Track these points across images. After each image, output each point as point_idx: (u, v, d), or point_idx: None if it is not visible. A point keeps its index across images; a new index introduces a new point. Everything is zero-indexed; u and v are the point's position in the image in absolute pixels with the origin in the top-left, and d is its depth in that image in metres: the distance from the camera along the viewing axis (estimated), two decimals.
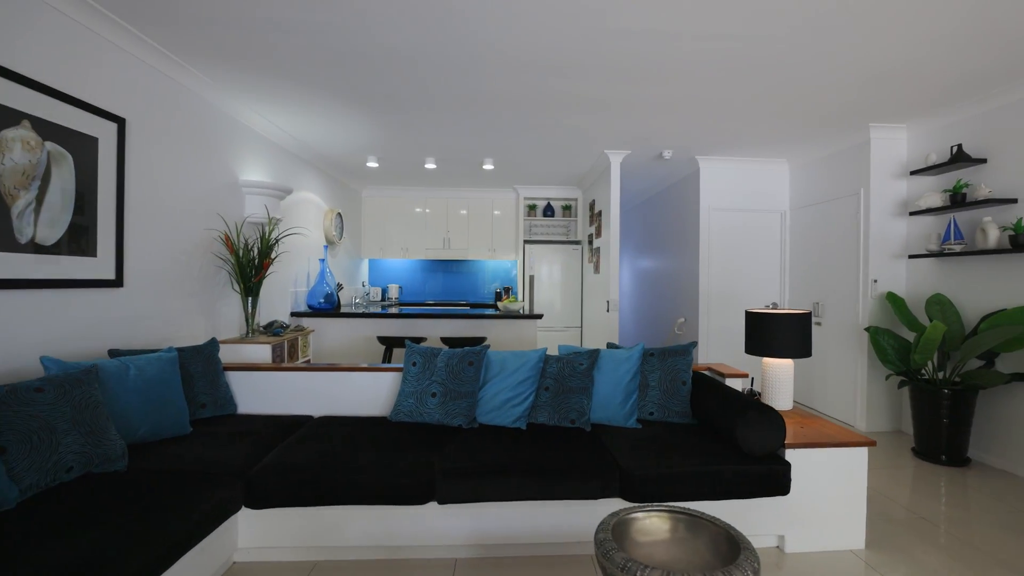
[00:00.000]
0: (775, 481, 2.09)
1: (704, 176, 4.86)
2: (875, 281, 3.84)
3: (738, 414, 2.18)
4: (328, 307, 4.71)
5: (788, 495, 2.13)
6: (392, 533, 2.09)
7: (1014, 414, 3.09)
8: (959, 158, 3.27)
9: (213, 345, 2.78)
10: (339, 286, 5.65)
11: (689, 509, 1.06)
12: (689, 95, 3.26)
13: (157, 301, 2.87)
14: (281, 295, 4.37)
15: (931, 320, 3.38)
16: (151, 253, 2.80)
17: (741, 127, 3.88)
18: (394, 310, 5.04)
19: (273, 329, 3.71)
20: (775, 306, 5.00)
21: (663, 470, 2.06)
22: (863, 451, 2.22)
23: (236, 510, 1.96)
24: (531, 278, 6.46)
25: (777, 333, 2.62)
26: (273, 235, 3.68)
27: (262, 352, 3.39)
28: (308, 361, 4.17)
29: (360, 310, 4.84)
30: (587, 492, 2.03)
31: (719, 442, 2.30)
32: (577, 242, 6.48)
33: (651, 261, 6.54)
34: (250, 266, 3.46)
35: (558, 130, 4.04)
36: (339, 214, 5.60)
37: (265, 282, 3.83)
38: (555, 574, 2.03)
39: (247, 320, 3.52)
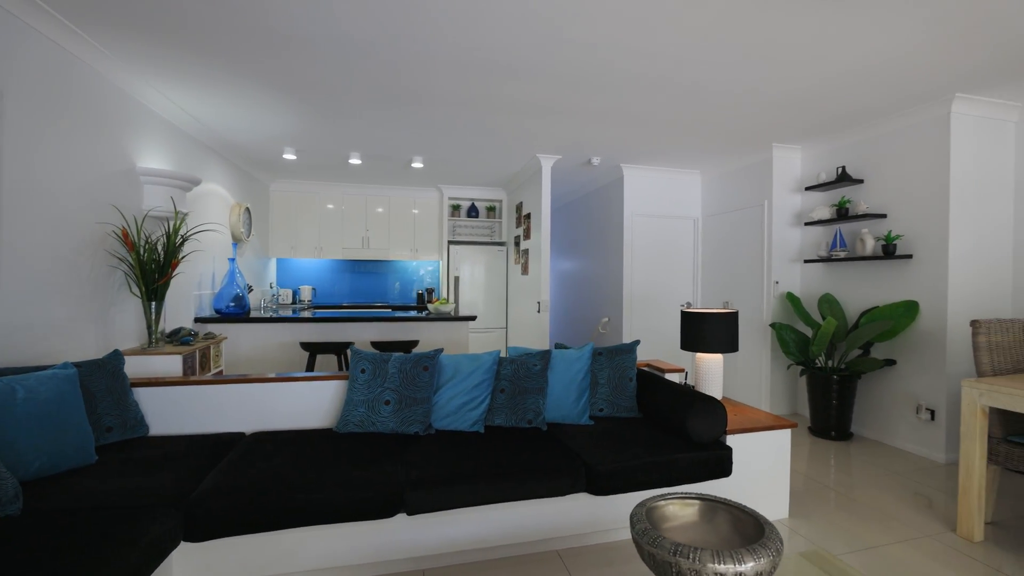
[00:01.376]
0: (720, 465, 2.33)
1: (628, 183, 5.21)
2: (777, 283, 4.41)
3: (688, 406, 2.40)
4: (239, 312, 4.33)
5: (730, 476, 2.39)
6: (356, 551, 2.00)
7: (885, 394, 3.73)
8: (843, 178, 3.89)
9: (117, 358, 2.44)
10: (249, 288, 5.20)
11: (702, 494, 1.18)
12: (621, 107, 3.49)
13: (38, 308, 2.45)
14: (183, 299, 3.93)
15: (823, 317, 3.96)
16: (29, 250, 2.39)
17: (662, 139, 4.23)
18: (307, 313, 4.75)
19: (180, 338, 3.34)
20: (689, 306, 5.51)
21: (624, 463, 2.20)
22: (787, 432, 2.57)
23: (174, 546, 1.75)
24: (456, 279, 6.45)
25: (709, 331, 2.91)
26: (181, 231, 3.31)
27: (171, 364, 3.04)
28: (220, 372, 3.80)
29: (269, 314, 4.50)
30: (557, 489, 2.11)
31: (667, 433, 2.51)
32: (502, 243, 6.59)
33: (574, 262, 6.85)
34: (154, 266, 3.09)
35: (498, 132, 4.10)
36: (247, 209, 5.15)
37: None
38: (525, 572, 2.08)
39: (150, 328, 3.13)
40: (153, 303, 3.12)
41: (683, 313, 3.05)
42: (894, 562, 2.18)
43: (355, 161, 5.05)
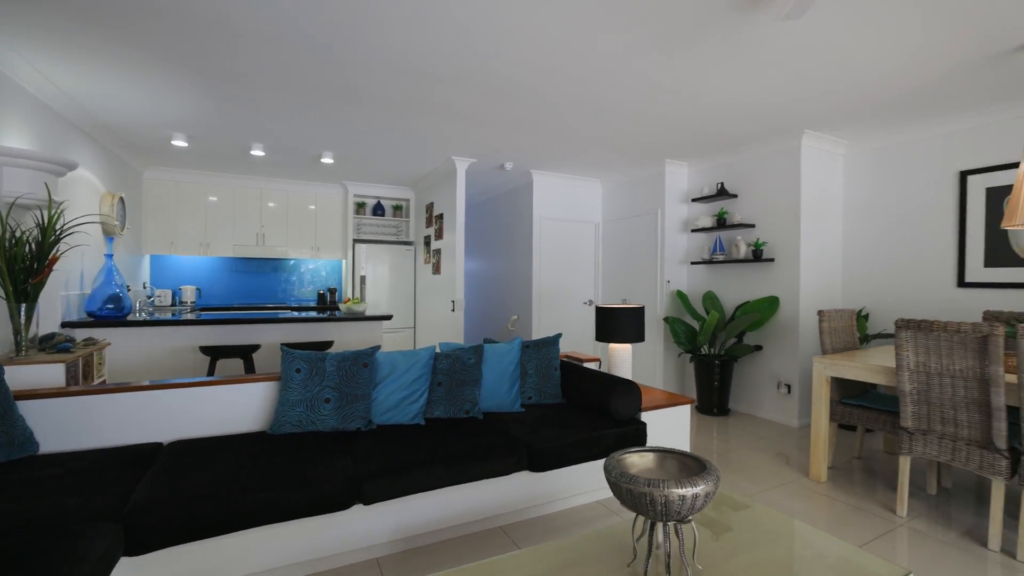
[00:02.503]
0: (638, 437, 2.74)
1: (537, 188, 5.61)
2: (668, 281, 5.09)
3: (611, 389, 2.78)
4: (117, 315, 3.91)
5: (645, 446, 2.81)
6: (311, 547, 2.04)
7: (755, 374, 4.53)
8: (722, 193, 4.64)
9: None
10: (127, 288, 4.68)
11: (652, 447, 1.49)
12: (536, 118, 3.81)
13: None
14: (48, 301, 3.47)
15: (707, 311, 4.68)
16: None
17: (571, 150, 4.67)
18: (190, 316, 4.42)
19: (56, 344, 2.98)
20: (591, 303, 6.05)
21: (561, 441, 2.50)
22: (687, 408, 3.07)
23: (116, 561, 1.67)
24: (363, 278, 6.37)
25: (621, 324, 3.35)
26: (59, 223, 2.95)
27: (51, 374, 2.73)
28: (104, 381, 3.42)
29: (144, 317, 4.12)
30: (504, 468, 2.34)
31: (591, 414, 2.87)
32: (409, 242, 6.65)
33: (483, 262, 7.12)
34: (24, 264, 2.74)
35: (417, 133, 4.21)
36: (121, 199, 4.63)
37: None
38: (473, 549, 2.28)
39: (17, 334, 2.76)
40: (23, 305, 2.77)
41: (599, 309, 3.45)
42: (767, 503, 2.75)
43: (257, 153, 4.81)
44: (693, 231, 4.95)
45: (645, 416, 2.89)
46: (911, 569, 2.13)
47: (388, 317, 4.63)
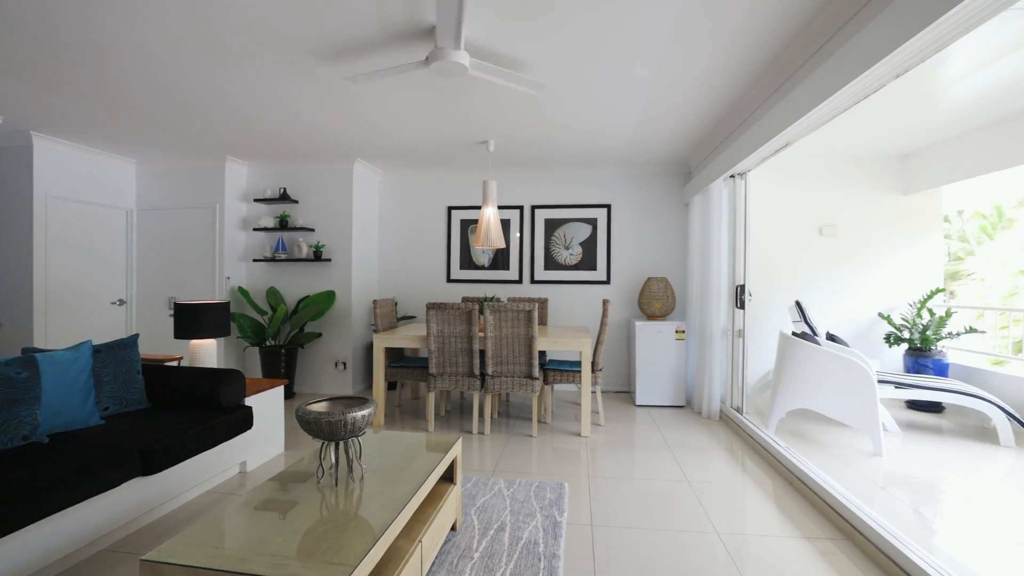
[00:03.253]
0: (247, 421, 3.00)
1: (40, 156, 4.39)
2: (228, 278, 5.14)
3: (219, 380, 2.92)
4: None
5: (252, 429, 3.10)
6: None
7: (317, 358, 5.31)
8: (284, 197, 5.16)
9: None
10: None
11: (330, 395, 1.96)
12: (54, 67, 3.04)
13: None
14: None
15: (271, 306, 5.09)
16: None
17: (99, 117, 3.90)
18: None
19: None
20: (122, 303, 5.31)
21: (176, 438, 2.50)
22: (280, 389, 3.50)
23: None
24: None
25: (207, 319, 3.42)
26: None
27: None
28: None
29: None
30: (114, 480, 2.17)
31: (191, 409, 2.90)
32: None
33: None
34: None
35: None
36: None
37: None
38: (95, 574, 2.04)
39: None
40: None
41: (178, 305, 3.38)
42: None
43: None
44: (255, 230, 5.24)
45: (250, 400, 3.17)
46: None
47: None
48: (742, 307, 4.13)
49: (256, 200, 5.25)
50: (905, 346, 4.77)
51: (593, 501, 2.76)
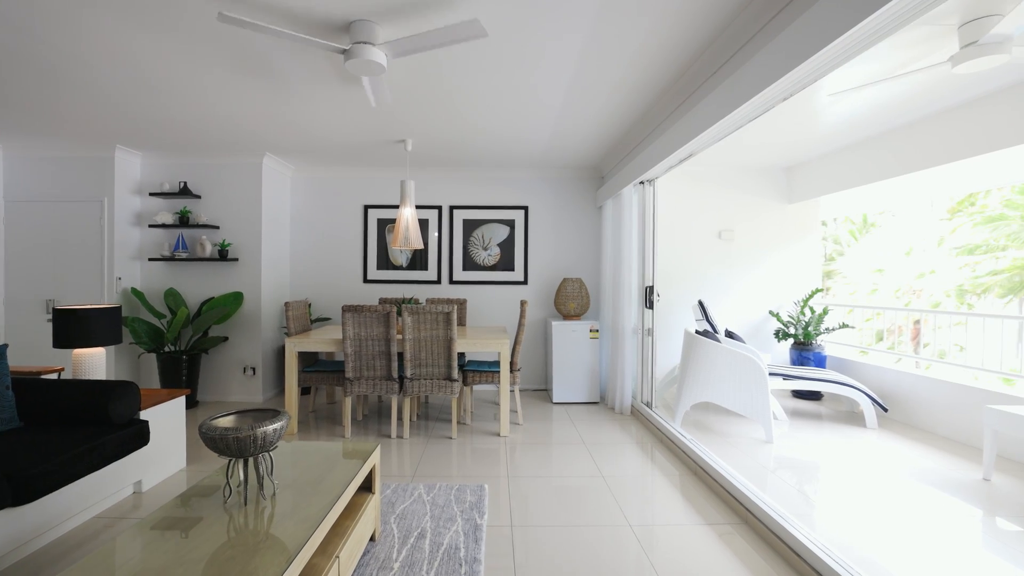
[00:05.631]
0: (141, 436, 2.79)
1: None
2: (119, 279, 4.70)
3: (109, 393, 2.69)
4: None
5: (148, 445, 2.88)
6: None
7: (223, 363, 4.99)
8: (185, 192, 4.79)
9: None
10: None
11: (239, 408, 1.86)
12: None
13: None
14: None
15: (170, 308, 4.71)
16: None
17: None
18: None
19: None
20: None
21: (57, 460, 2.28)
22: (181, 399, 3.28)
23: None
24: None
25: (94, 326, 3.14)
26: None
27: None
28: None
29: None
30: None
31: (78, 427, 2.65)
32: None
33: None
34: None
35: None
36: None
37: None
38: None
39: None
40: None
41: (57, 311, 3.07)
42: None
43: None
44: (152, 226, 4.82)
45: (144, 413, 2.95)
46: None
47: None
48: (651, 307, 4.43)
49: (152, 194, 4.83)
50: (791, 341, 5.34)
51: (512, 501, 2.86)
